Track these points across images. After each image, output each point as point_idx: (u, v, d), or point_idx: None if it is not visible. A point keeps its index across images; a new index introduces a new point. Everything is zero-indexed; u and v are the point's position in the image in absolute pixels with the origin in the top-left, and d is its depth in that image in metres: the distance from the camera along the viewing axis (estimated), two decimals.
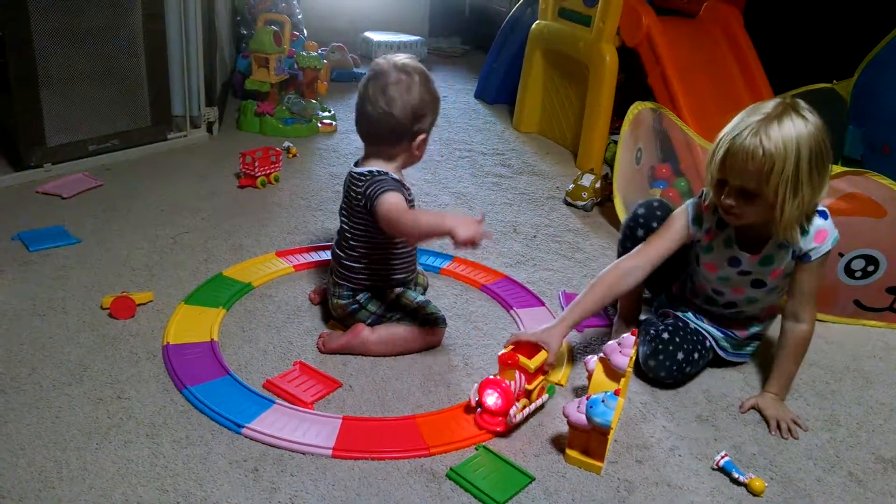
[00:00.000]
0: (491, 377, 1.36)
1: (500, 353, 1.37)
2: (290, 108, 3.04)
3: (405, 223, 1.46)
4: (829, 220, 1.44)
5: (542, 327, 1.46)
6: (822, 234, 1.43)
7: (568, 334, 1.49)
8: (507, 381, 1.35)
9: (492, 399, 1.34)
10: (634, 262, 1.52)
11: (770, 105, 1.34)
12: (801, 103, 1.35)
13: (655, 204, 1.65)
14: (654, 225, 1.58)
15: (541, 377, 1.41)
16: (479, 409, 1.38)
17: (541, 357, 1.39)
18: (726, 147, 1.34)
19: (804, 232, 1.42)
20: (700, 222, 1.53)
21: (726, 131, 1.36)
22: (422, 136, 1.56)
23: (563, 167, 2.94)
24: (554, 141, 3.27)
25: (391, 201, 1.47)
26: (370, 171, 1.54)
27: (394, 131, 1.52)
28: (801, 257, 1.45)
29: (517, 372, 1.37)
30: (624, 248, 1.65)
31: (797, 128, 1.30)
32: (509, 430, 1.36)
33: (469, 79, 4.30)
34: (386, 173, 1.54)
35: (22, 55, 2.20)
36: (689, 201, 1.55)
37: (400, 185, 1.53)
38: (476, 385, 1.38)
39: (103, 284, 1.75)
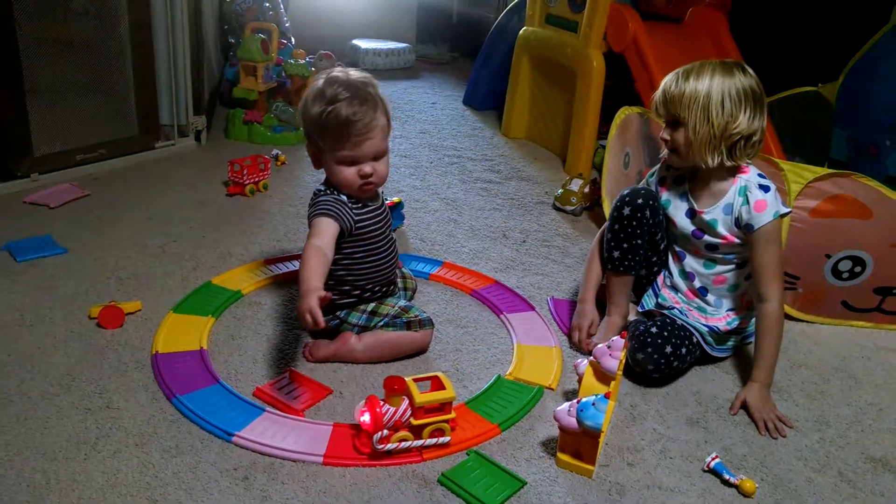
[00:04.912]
0: (374, 396, 1.28)
1: (386, 377, 1.27)
2: (279, 116, 3.04)
3: (302, 254, 1.44)
4: (772, 194, 1.54)
5: (582, 319, 1.71)
6: (760, 205, 1.52)
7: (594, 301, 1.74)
8: (385, 406, 1.25)
9: (365, 418, 1.25)
10: None
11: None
12: (742, 65, 1.54)
13: (639, 186, 1.70)
14: (640, 202, 1.62)
15: (438, 417, 1.29)
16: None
17: (438, 395, 1.28)
18: (659, 88, 1.57)
19: (729, 168, 1.55)
20: (655, 175, 1.72)
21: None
22: (311, 149, 1.53)
23: (551, 172, 2.95)
24: (542, 146, 3.28)
25: (313, 230, 1.48)
26: (316, 191, 1.56)
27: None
28: (745, 228, 1.54)
29: (405, 400, 1.27)
30: (612, 231, 1.67)
31: (718, 69, 1.50)
32: (377, 455, 1.27)
33: (457, 85, 4.31)
34: (325, 191, 1.53)
35: (8, 65, 2.19)
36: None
37: (335, 208, 1.49)
38: (363, 402, 1.29)
39: (91, 294, 1.74)
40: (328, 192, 1.53)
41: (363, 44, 4.67)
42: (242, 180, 2.41)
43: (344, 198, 1.52)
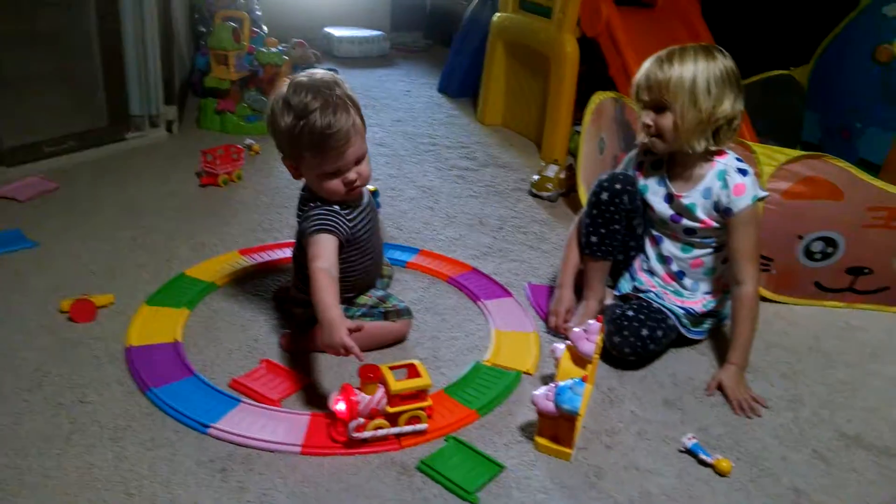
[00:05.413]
0: (348, 384, 1.28)
1: (361, 365, 1.27)
2: (252, 104, 3.00)
3: (311, 280, 1.38)
4: (750, 177, 1.54)
5: (559, 305, 1.70)
6: (739, 188, 1.53)
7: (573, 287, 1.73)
8: (360, 394, 1.25)
9: (340, 406, 1.25)
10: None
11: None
12: (720, 48, 1.54)
13: (617, 171, 1.70)
14: (617, 187, 1.63)
15: (414, 404, 1.28)
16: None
17: (413, 382, 1.28)
18: (639, 72, 1.55)
19: (709, 152, 1.55)
20: (632, 161, 1.71)
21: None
22: (289, 162, 1.47)
23: (527, 159, 2.95)
24: (518, 133, 3.28)
25: (315, 249, 1.41)
26: (303, 198, 1.51)
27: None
28: (724, 212, 1.55)
29: (380, 388, 1.27)
30: (590, 216, 1.67)
31: (700, 53, 1.50)
32: (355, 443, 1.27)
33: (432, 73, 4.29)
34: (315, 202, 1.47)
35: None
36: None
37: (331, 222, 1.45)
38: (337, 390, 1.28)
39: (62, 288, 1.71)
40: (318, 202, 1.48)
41: (337, 32, 4.63)
42: (215, 170, 2.38)
43: (336, 207, 1.47)
